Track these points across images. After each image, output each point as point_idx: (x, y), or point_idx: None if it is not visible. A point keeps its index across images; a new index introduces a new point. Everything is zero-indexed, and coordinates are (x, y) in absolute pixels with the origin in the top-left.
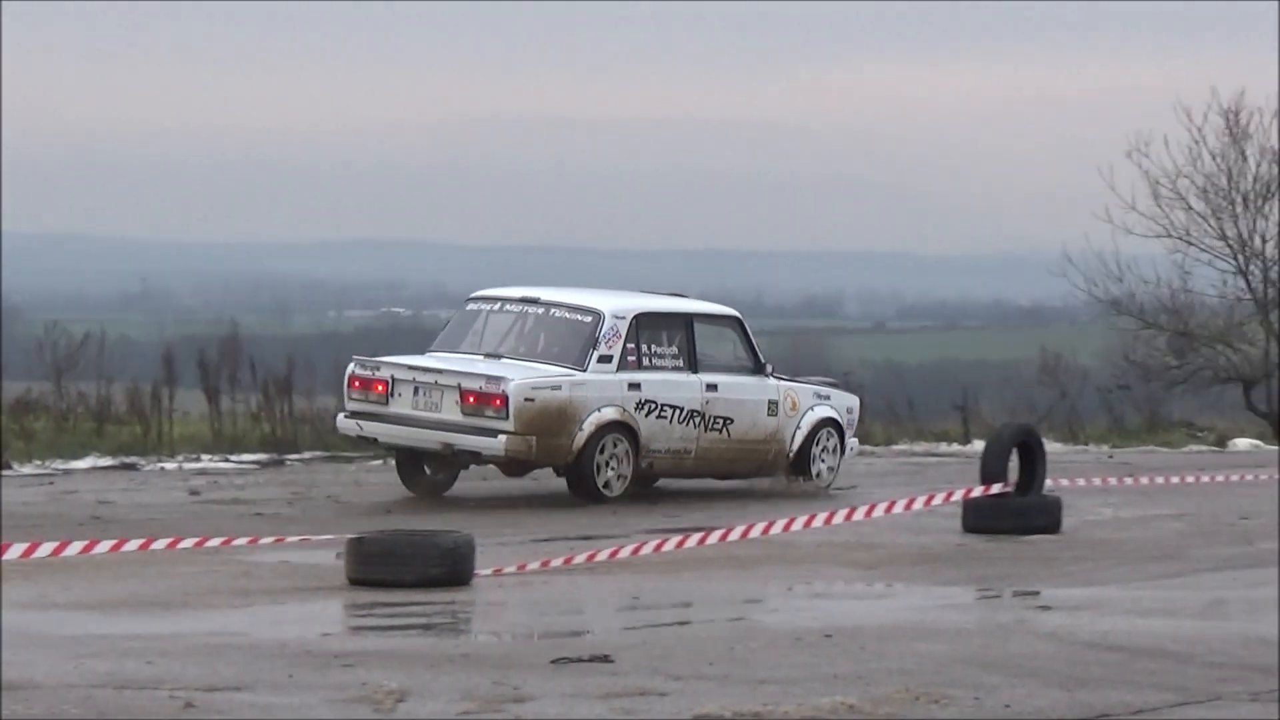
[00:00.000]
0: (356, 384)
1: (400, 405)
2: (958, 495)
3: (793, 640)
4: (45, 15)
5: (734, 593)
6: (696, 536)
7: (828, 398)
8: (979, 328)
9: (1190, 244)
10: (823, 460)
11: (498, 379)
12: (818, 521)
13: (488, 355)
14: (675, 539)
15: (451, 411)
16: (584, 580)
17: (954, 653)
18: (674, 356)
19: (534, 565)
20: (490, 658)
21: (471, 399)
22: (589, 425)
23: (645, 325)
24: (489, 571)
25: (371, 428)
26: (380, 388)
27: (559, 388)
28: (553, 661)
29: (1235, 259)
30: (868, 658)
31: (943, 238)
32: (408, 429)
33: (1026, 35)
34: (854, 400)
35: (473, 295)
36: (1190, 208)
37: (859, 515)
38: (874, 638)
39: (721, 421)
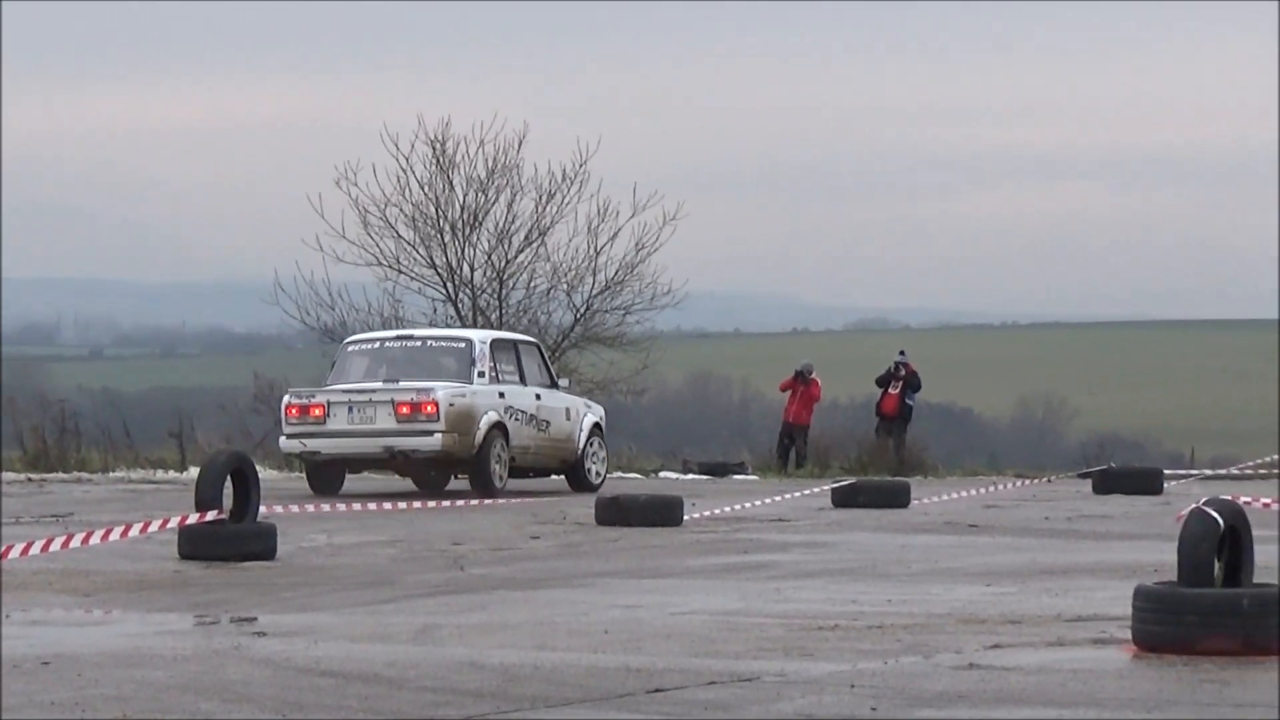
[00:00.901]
0: (294, 411)
1: (337, 423)
2: (174, 522)
3: (10, 668)
4: None
5: None
6: None
7: (590, 407)
8: (196, 355)
9: (401, 272)
10: (594, 460)
11: (426, 389)
12: (35, 549)
13: (386, 380)
14: None
15: (387, 421)
16: None
17: (171, 679)
18: (512, 373)
19: None
20: None
21: (406, 408)
22: (484, 425)
23: (496, 349)
24: None
25: (314, 443)
26: (317, 411)
27: (464, 395)
28: None
29: (445, 287)
30: (85, 684)
31: (159, 265)
32: (349, 440)
33: (235, 63)
34: (602, 410)
35: (349, 340)
36: (400, 236)
37: (76, 542)
38: (91, 665)
39: (546, 424)
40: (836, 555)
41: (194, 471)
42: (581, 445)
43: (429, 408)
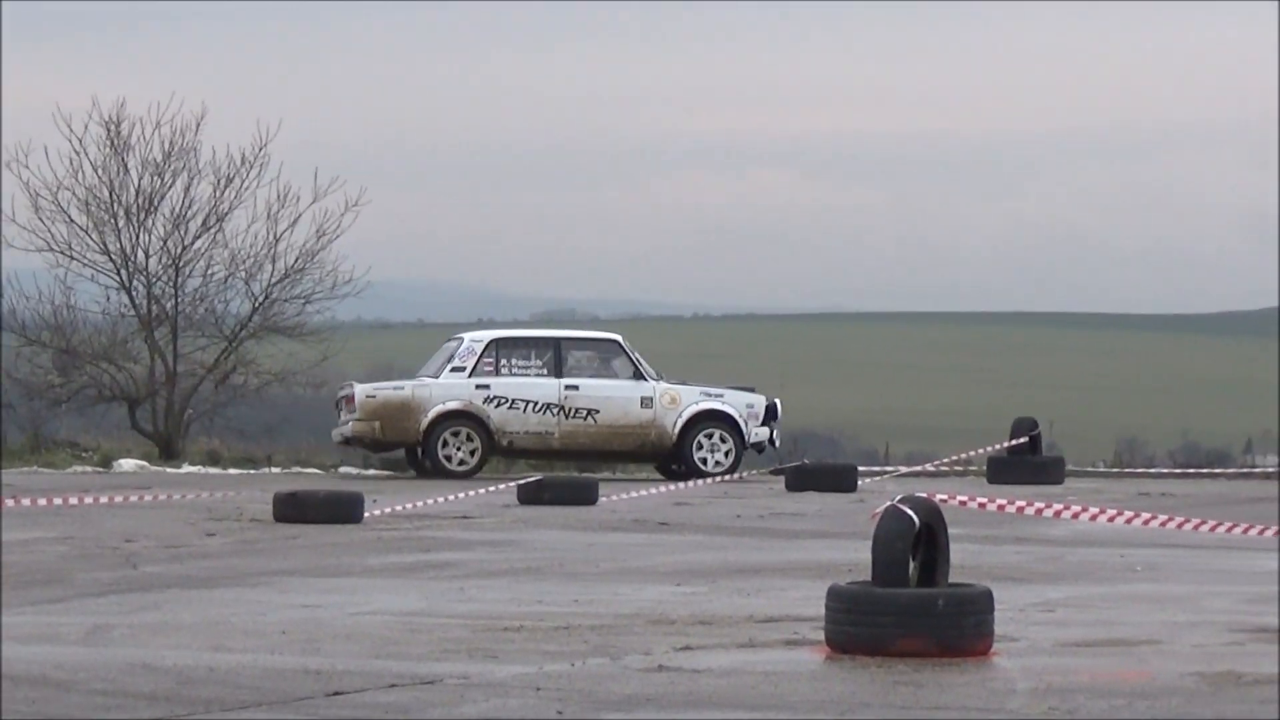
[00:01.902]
0: (338, 405)
1: (345, 414)
2: None
3: None
4: None
5: None
6: None
7: (719, 396)
8: None
9: (73, 258)
10: (711, 451)
11: (349, 384)
12: None
13: (416, 376)
14: None
15: (345, 412)
16: None
17: None
18: (539, 367)
19: None
20: None
21: (344, 401)
22: (431, 414)
23: (505, 346)
24: None
25: (337, 431)
26: (339, 404)
27: (401, 389)
28: None
29: (119, 274)
30: None
31: None
32: (343, 427)
33: None
34: (756, 398)
35: (450, 337)
36: (72, 221)
37: None
38: None
39: (586, 412)
40: (522, 554)
41: None
42: (678, 429)
43: (351, 401)
